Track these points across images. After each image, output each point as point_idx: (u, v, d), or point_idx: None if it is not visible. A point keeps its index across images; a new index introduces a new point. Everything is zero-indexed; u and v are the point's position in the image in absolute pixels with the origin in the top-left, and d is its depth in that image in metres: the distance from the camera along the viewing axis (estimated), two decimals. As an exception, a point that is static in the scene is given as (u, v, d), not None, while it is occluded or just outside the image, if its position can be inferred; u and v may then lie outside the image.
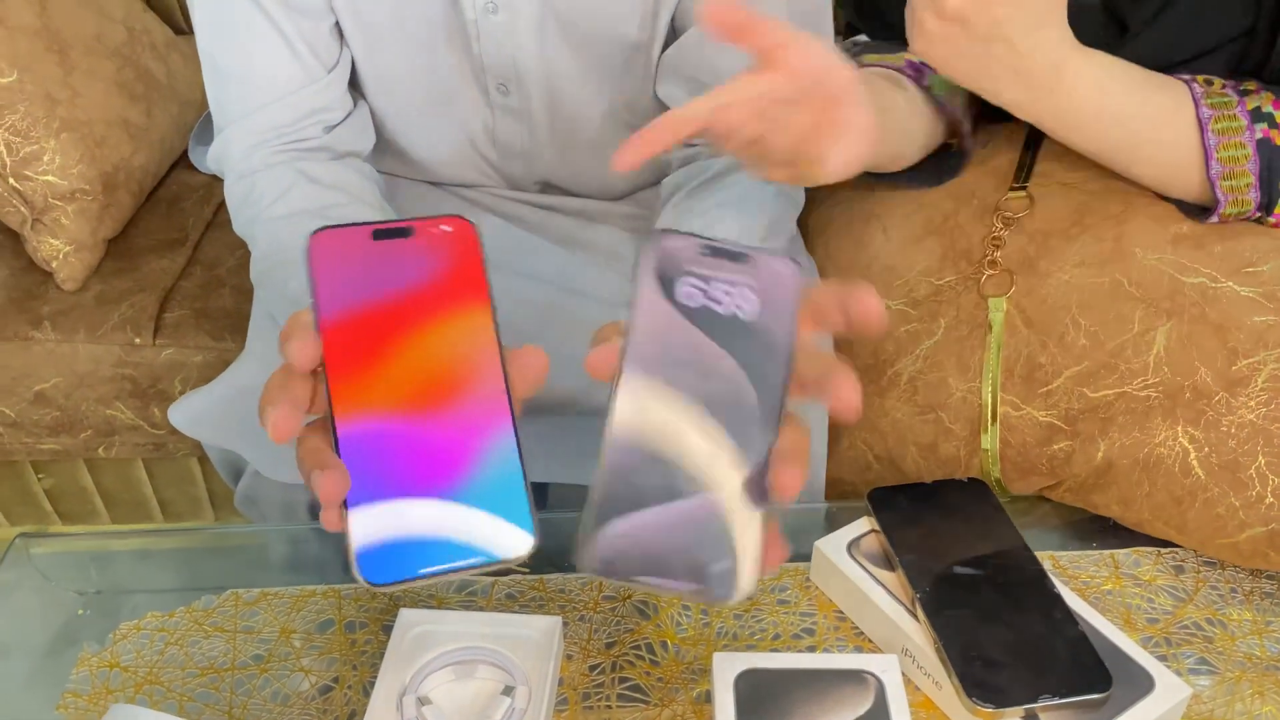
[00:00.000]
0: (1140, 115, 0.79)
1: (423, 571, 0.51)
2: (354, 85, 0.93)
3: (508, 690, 0.67)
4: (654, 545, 0.50)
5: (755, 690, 0.65)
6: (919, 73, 0.88)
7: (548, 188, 1.01)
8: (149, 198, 1.41)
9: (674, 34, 0.91)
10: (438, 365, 0.54)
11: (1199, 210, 0.81)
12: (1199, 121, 0.78)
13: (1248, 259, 0.78)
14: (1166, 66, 0.81)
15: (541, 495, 1.00)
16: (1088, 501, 0.83)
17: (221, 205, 1.43)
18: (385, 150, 0.99)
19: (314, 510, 0.93)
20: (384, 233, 0.55)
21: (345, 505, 0.51)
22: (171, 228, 1.38)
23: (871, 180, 0.96)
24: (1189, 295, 0.78)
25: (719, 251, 0.53)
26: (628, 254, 0.97)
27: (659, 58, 0.92)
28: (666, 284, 0.53)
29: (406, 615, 0.70)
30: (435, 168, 0.99)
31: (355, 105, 0.93)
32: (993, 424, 0.83)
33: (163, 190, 1.44)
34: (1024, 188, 0.88)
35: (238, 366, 0.93)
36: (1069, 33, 0.76)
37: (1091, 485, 0.82)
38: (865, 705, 0.64)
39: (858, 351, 0.91)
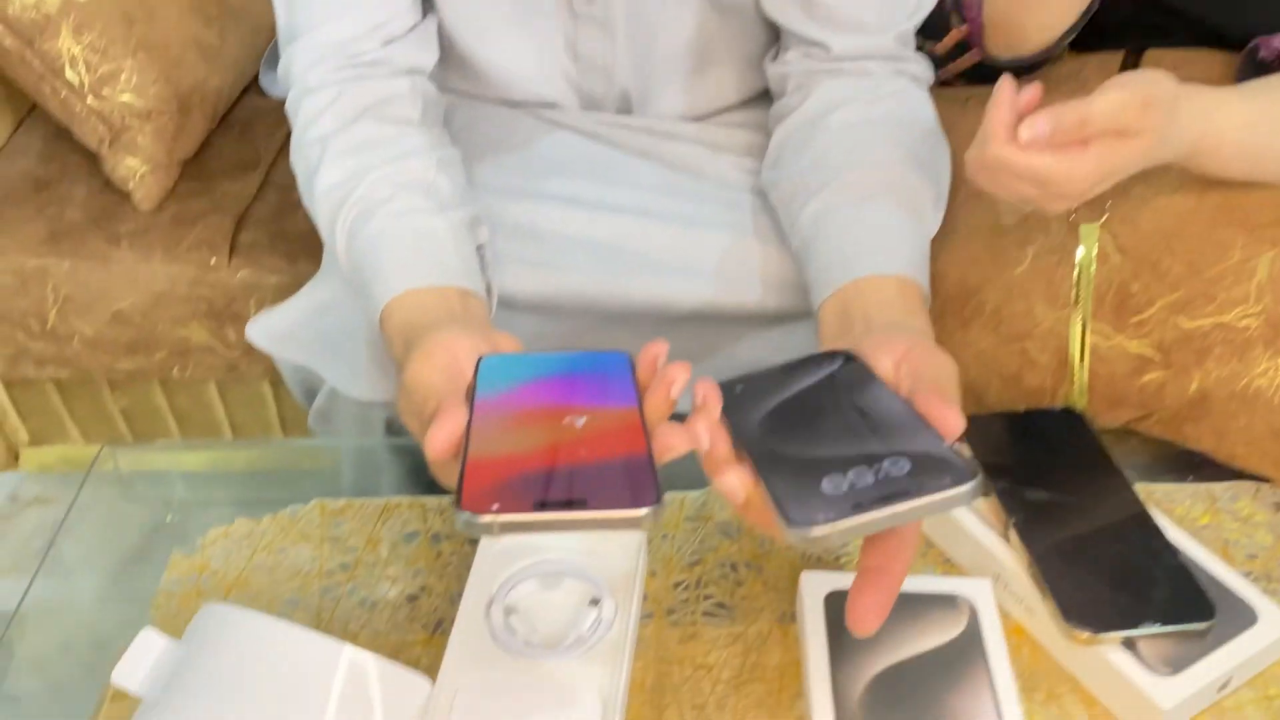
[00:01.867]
0: None
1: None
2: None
3: (594, 601, 0.66)
4: None
5: (844, 611, 0.63)
6: None
7: (625, 107, 0.98)
8: (221, 121, 1.40)
9: None
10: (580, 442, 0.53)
11: None
12: None
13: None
14: None
15: None
16: (1179, 434, 0.81)
17: (293, 129, 1.43)
18: (455, 67, 0.97)
19: (391, 428, 0.93)
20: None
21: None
22: (244, 151, 1.37)
23: (955, 109, 0.93)
24: (1295, 222, 0.74)
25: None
26: (710, 172, 0.94)
27: None
28: None
29: None
30: (511, 84, 0.97)
31: (423, 18, 0.90)
32: (1082, 354, 0.81)
33: (235, 114, 1.43)
34: (1121, 112, 0.85)
35: (315, 284, 0.92)
36: (1184, 125, 0.74)
37: (1184, 417, 0.79)
38: (957, 629, 0.63)
39: (942, 278, 0.89)
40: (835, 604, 0.64)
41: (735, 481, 0.53)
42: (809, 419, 0.56)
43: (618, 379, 0.57)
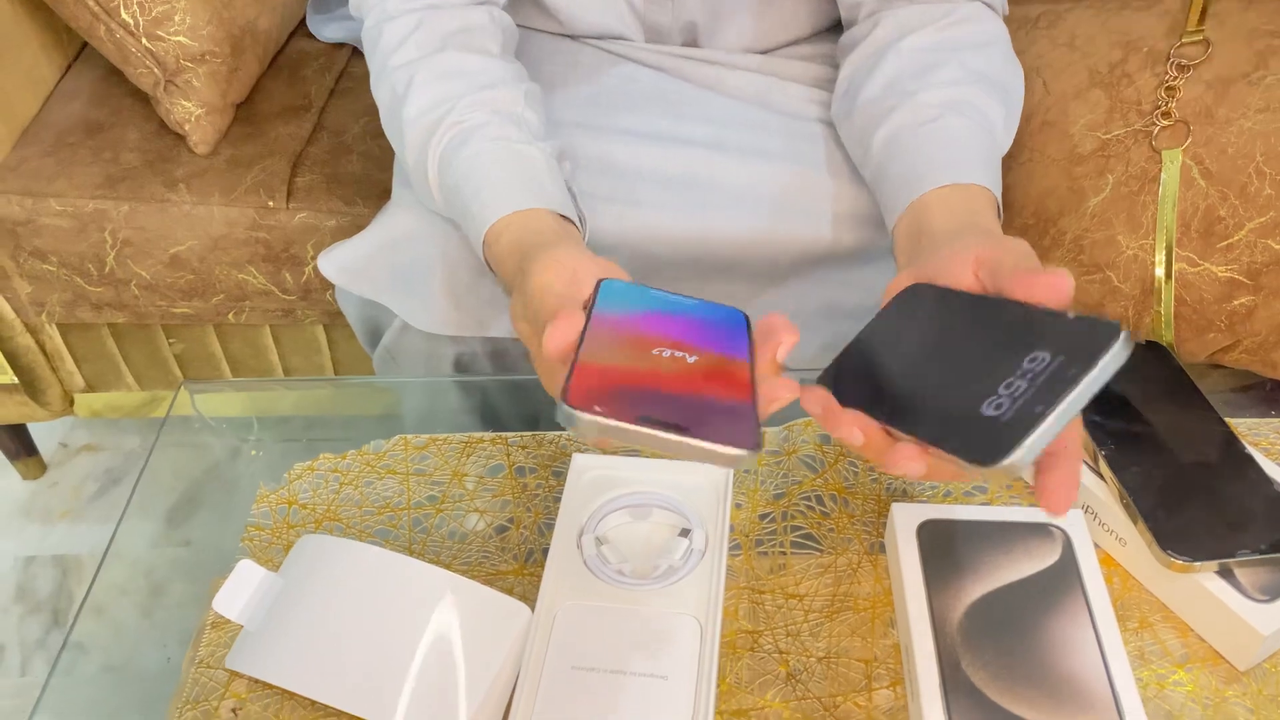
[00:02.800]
0: None
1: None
2: None
3: (684, 532, 0.66)
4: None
5: (936, 541, 0.63)
6: None
7: (692, 39, 0.96)
8: (271, 64, 1.38)
9: None
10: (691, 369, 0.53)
11: None
12: None
13: None
14: None
15: None
16: (1266, 362, 0.79)
17: (343, 73, 1.41)
18: (521, 0, 0.95)
19: (460, 364, 0.92)
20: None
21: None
22: (295, 94, 1.36)
23: (1024, 31, 0.91)
24: (1391, 143, 0.72)
25: None
26: (779, 104, 0.93)
27: None
28: None
29: (580, 460, 0.69)
30: (576, 17, 0.95)
31: None
32: (1168, 281, 0.79)
33: (284, 58, 1.41)
34: (1200, 32, 0.82)
35: (386, 218, 0.91)
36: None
37: (1273, 344, 0.78)
38: (1051, 559, 0.62)
39: (1019, 209, 0.87)
40: (927, 534, 0.63)
41: (853, 429, 0.52)
42: (928, 361, 0.53)
43: (733, 331, 0.56)
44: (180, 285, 1.27)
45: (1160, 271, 0.79)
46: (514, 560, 0.69)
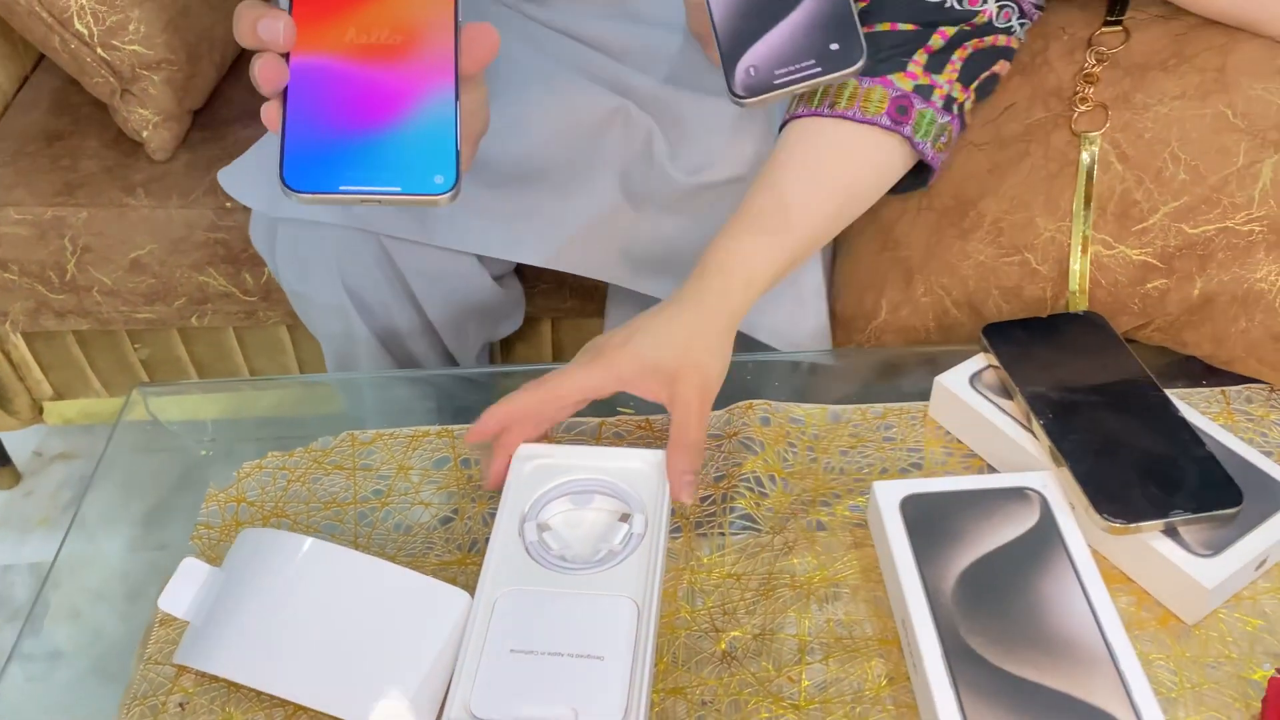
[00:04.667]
0: None
1: (343, 188, 0.53)
2: None
3: (624, 517, 0.65)
4: (782, 47, 0.62)
5: (920, 515, 0.63)
6: (903, 116, 0.76)
7: None
8: (231, 69, 1.37)
9: None
10: (394, 27, 0.55)
11: None
12: None
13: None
14: None
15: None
16: (1176, 340, 0.80)
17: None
18: None
19: (345, 278, 0.92)
20: None
21: (284, 114, 0.54)
22: (255, 99, 1.32)
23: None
24: (1298, 125, 0.73)
25: None
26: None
27: None
28: None
29: (525, 449, 0.69)
30: None
31: None
32: (1083, 264, 0.79)
33: (243, 63, 1.40)
34: (1119, 21, 0.82)
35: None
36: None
37: (1184, 324, 0.78)
38: (1031, 520, 0.63)
39: (939, 192, 0.87)
40: (910, 508, 0.64)
41: None
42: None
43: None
44: (142, 290, 1.26)
45: (1076, 254, 0.79)
46: (458, 550, 0.68)
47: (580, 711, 0.55)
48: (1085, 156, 0.79)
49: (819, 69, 0.62)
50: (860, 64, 0.62)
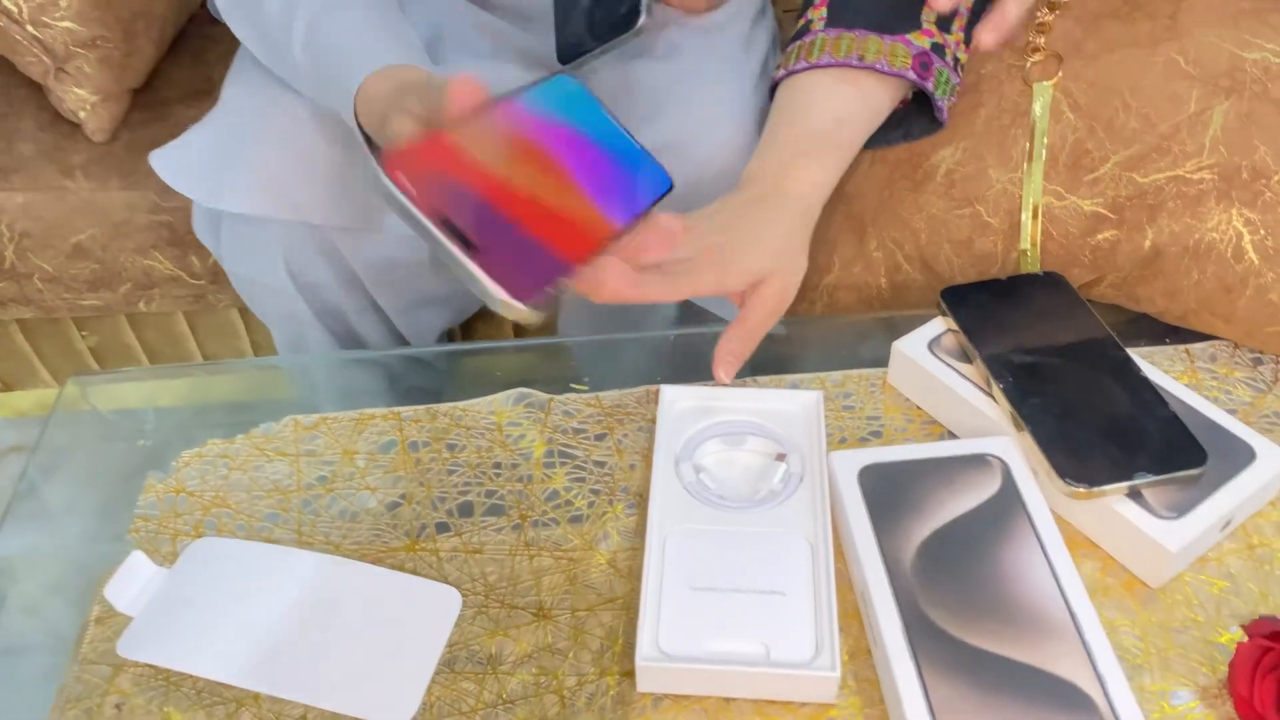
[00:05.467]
0: None
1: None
2: None
3: (780, 457, 0.64)
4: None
5: (878, 485, 0.61)
6: (926, 72, 0.76)
7: None
8: (171, 48, 1.31)
9: None
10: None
11: None
12: None
13: (1313, 29, 0.70)
14: None
15: None
16: (1130, 296, 0.77)
17: (243, 54, 1.34)
18: None
19: (289, 266, 0.88)
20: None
21: None
22: (197, 78, 1.29)
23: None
24: (1250, 71, 0.70)
25: None
26: None
27: None
28: None
29: (669, 391, 0.68)
30: None
31: None
32: (1034, 215, 0.77)
33: (185, 42, 1.34)
34: (1071, -30, 0.79)
35: (214, 114, 0.89)
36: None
37: (1136, 278, 0.75)
38: (993, 488, 0.60)
39: (890, 146, 0.84)
40: (868, 478, 0.61)
41: None
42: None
43: (640, 187, 0.55)
44: (85, 276, 1.21)
45: (1028, 206, 0.76)
46: (405, 536, 0.65)
47: (771, 646, 0.54)
48: (1037, 106, 0.77)
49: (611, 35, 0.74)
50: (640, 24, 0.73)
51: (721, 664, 0.53)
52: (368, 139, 0.73)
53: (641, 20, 0.72)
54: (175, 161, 0.89)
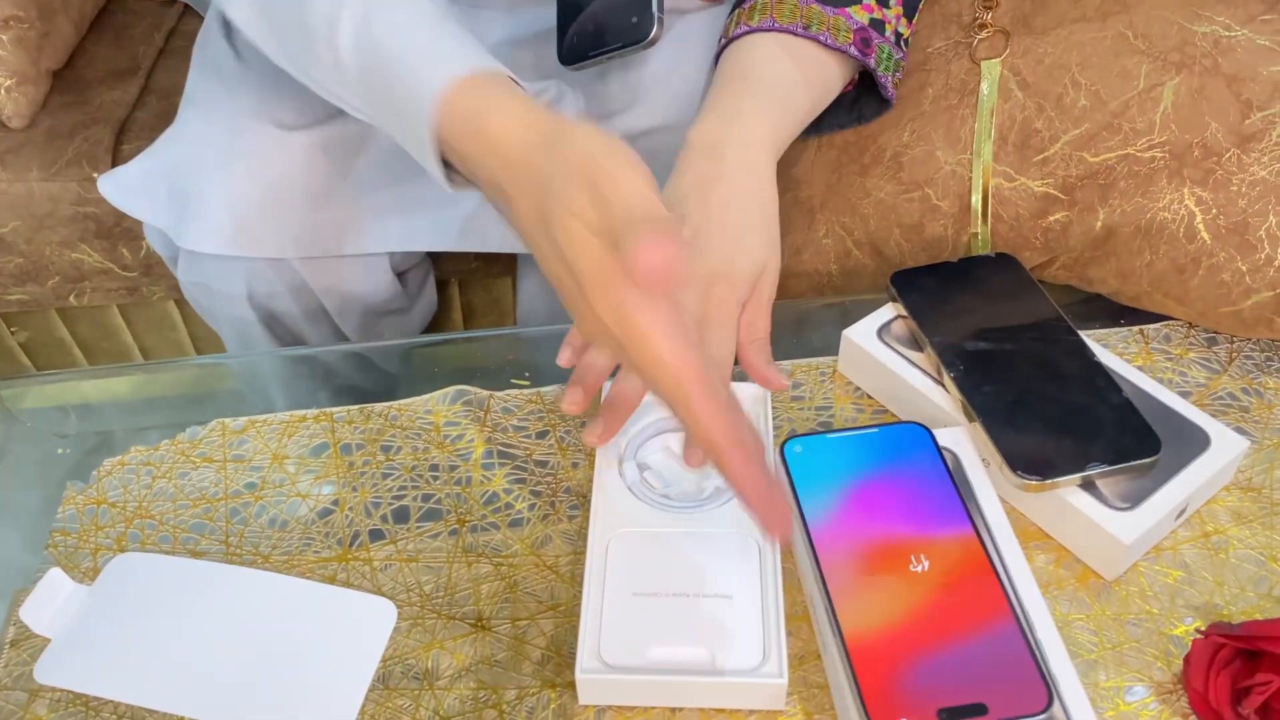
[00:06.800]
0: None
1: None
2: None
3: None
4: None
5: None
6: (867, 49, 0.75)
7: None
8: (92, 27, 1.26)
9: None
10: None
11: None
12: None
13: (1264, 4, 0.69)
14: None
15: None
16: (1083, 278, 0.76)
17: (174, 31, 1.29)
18: None
19: (253, 299, 0.84)
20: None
21: None
22: (122, 57, 1.24)
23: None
24: (1200, 46, 0.69)
25: None
26: None
27: None
28: None
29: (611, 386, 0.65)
30: None
31: None
32: (984, 198, 0.75)
33: (107, 19, 1.29)
34: (1017, -55, 0.77)
35: (170, 137, 0.84)
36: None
37: (1088, 259, 0.74)
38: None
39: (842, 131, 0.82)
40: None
41: None
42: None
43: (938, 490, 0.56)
44: (10, 270, 1.17)
45: (977, 188, 0.75)
46: (338, 545, 0.62)
47: (717, 653, 0.52)
48: (985, 85, 0.75)
49: (620, 43, 0.73)
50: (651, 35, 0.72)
51: (665, 673, 0.51)
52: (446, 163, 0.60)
53: (654, 32, 0.71)
54: (128, 187, 0.84)
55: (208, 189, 0.78)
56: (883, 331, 0.68)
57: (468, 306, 1.29)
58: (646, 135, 0.86)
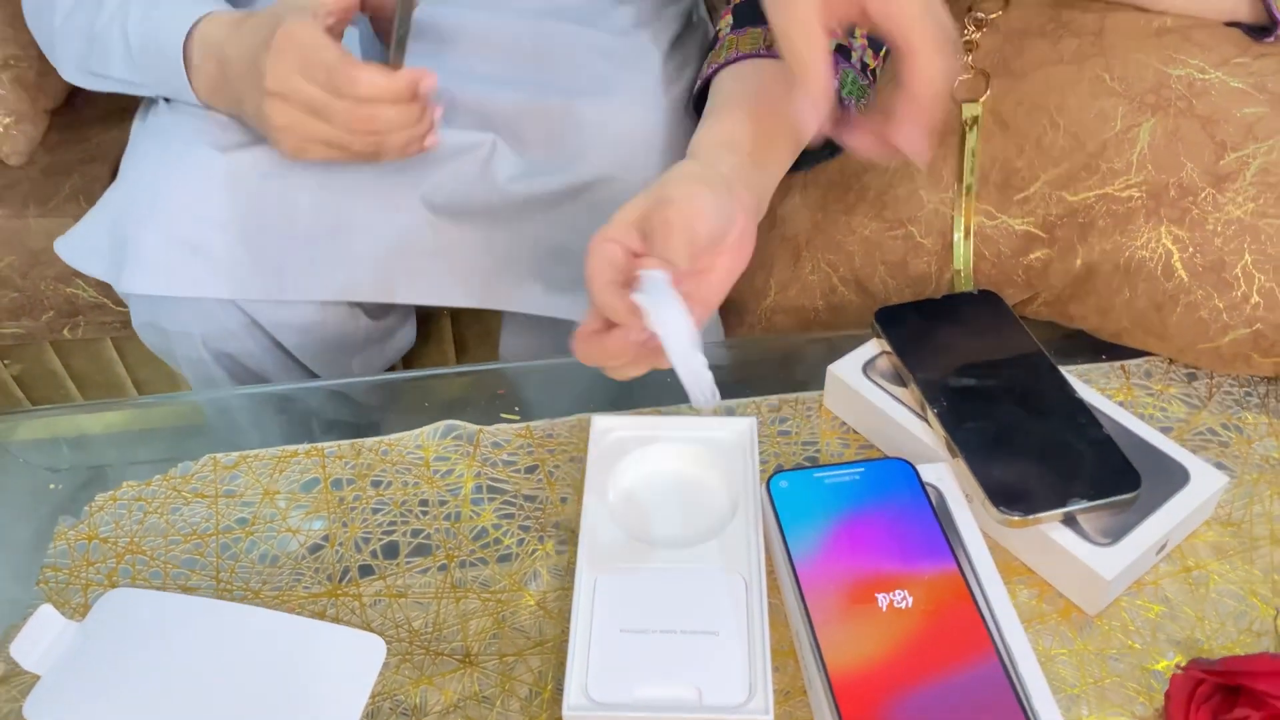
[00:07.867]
0: None
1: None
2: None
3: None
4: None
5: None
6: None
7: None
8: (88, 67, 1.28)
9: None
10: None
11: (1257, 31, 0.72)
12: None
13: (1237, 49, 0.70)
14: None
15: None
16: (1064, 314, 0.77)
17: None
18: None
19: (207, 342, 0.84)
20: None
21: None
22: (117, 98, 1.25)
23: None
24: (1175, 88, 0.70)
25: None
26: None
27: None
28: None
29: (600, 421, 0.65)
30: None
31: None
32: (967, 236, 0.76)
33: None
34: (997, -13, 0.79)
35: (111, 192, 0.84)
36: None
37: (1069, 296, 0.75)
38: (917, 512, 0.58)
39: (823, 167, 0.83)
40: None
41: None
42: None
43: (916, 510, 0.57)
44: (4, 304, 1.17)
45: (959, 226, 0.75)
46: (328, 581, 0.62)
47: (704, 689, 0.52)
48: (966, 126, 0.76)
49: None
50: None
51: (652, 710, 0.51)
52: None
53: None
54: (77, 245, 0.84)
55: (142, 231, 0.78)
56: (868, 367, 0.69)
57: (459, 339, 1.30)
58: (589, 188, 0.86)
